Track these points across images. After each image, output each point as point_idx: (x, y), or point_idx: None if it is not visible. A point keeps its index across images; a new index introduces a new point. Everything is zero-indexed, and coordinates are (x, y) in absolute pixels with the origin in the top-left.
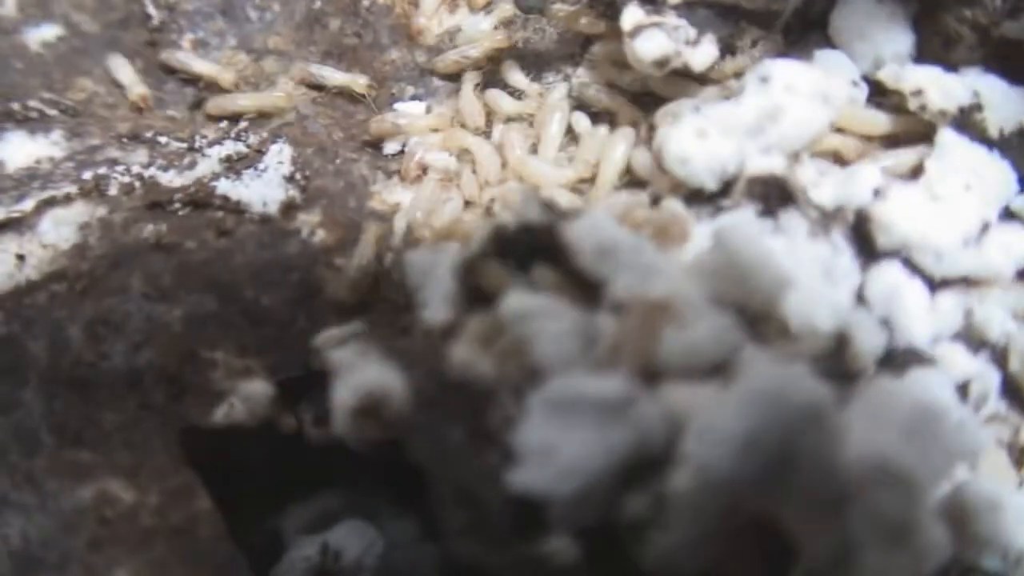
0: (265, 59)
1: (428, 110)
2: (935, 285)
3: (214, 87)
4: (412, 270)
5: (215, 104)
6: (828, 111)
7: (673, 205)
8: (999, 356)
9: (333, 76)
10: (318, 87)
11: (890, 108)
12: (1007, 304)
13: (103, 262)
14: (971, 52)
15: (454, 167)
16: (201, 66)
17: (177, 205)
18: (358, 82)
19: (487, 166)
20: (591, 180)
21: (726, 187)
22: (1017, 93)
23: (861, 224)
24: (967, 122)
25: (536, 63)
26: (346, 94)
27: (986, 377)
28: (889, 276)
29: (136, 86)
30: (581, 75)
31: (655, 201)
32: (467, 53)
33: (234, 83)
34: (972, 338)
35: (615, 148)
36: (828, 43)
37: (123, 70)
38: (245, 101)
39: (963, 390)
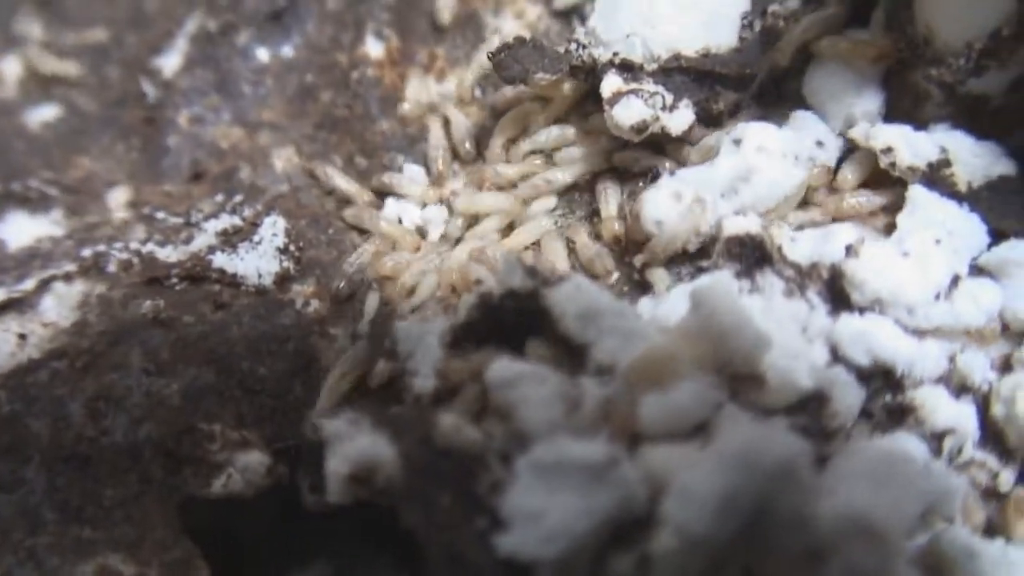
0: (259, 132)
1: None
2: (915, 334)
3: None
4: (402, 339)
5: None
6: (800, 171)
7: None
8: (981, 401)
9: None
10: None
11: (863, 165)
12: (988, 352)
13: (103, 339)
14: (939, 109)
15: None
16: (342, 182)
17: (175, 280)
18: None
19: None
20: None
21: (705, 248)
22: (984, 148)
23: (835, 281)
24: (936, 177)
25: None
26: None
27: (964, 423)
28: (867, 327)
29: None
30: (555, 135)
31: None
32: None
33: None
34: (955, 383)
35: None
36: (803, 104)
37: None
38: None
39: (940, 438)
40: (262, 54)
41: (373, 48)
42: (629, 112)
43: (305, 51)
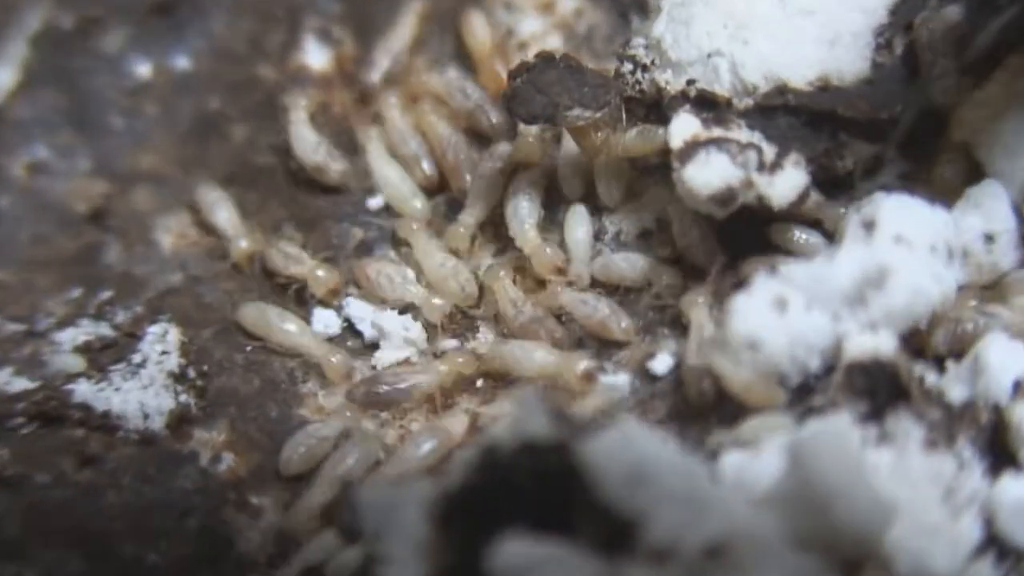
0: (135, 189)
1: None
2: None
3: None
4: (368, 512)
5: None
6: (956, 271)
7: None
8: None
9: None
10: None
11: None
12: None
13: None
14: None
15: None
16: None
17: (20, 419)
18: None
19: None
20: None
21: (816, 380)
22: None
23: (997, 429)
24: None
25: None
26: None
27: None
28: None
29: None
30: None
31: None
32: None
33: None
34: None
35: None
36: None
37: None
38: None
39: None
40: (142, 67)
41: (315, 56)
42: (709, 173)
43: (209, 61)
